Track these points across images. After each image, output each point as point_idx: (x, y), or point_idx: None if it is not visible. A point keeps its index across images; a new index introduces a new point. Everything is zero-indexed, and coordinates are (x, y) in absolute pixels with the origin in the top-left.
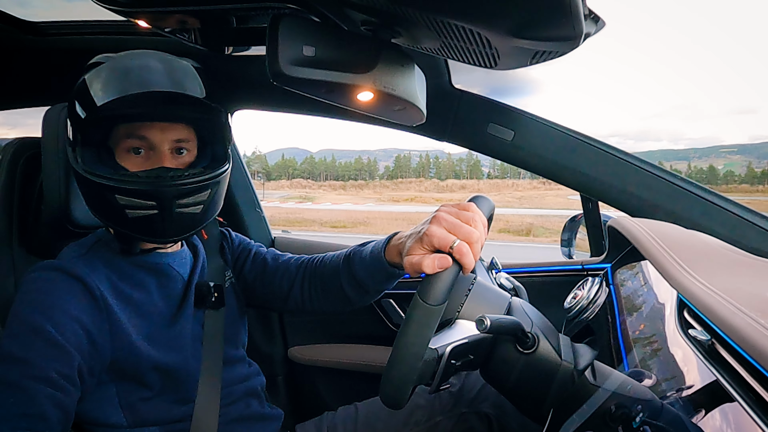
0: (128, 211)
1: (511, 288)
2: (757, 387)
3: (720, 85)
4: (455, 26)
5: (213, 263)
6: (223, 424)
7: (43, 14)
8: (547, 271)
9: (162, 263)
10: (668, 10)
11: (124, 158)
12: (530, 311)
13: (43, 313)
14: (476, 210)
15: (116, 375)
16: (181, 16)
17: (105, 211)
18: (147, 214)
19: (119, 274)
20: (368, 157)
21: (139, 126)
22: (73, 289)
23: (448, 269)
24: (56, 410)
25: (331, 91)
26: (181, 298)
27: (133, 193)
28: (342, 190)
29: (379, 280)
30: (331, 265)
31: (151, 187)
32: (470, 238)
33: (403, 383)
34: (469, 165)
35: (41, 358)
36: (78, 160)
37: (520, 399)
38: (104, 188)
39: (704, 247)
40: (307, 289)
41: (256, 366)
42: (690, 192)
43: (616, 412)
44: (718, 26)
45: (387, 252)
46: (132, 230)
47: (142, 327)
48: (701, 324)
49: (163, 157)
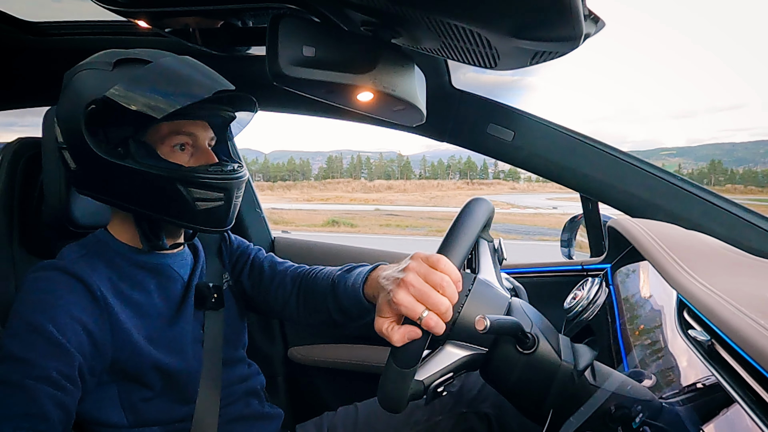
0: (198, 203)
1: (510, 288)
2: (757, 388)
3: (663, 90)
4: (455, 27)
5: (211, 265)
6: (223, 424)
7: (39, 14)
8: (547, 272)
9: (162, 264)
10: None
11: (169, 154)
12: (530, 312)
13: (44, 313)
14: (446, 267)
15: (117, 375)
16: (181, 17)
17: (167, 205)
18: (214, 206)
19: (119, 275)
20: (301, 158)
21: (184, 123)
22: (74, 289)
23: (417, 339)
24: (58, 410)
25: (331, 92)
26: (180, 299)
27: (207, 186)
28: (269, 190)
29: (362, 311)
30: (321, 285)
31: (221, 179)
32: (438, 309)
33: (394, 409)
34: (400, 166)
35: (42, 358)
36: (131, 157)
37: (519, 399)
38: (176, 181)
39: (704, 248)
40: (302, 305)
41: (255, 366)
42: (690, 192)
43: (616, 412)
44: (663, 32)
45: (366, 285)
46: (198, 222)
47: (142, 327)
48: (701, 324)
49: (208, 153)
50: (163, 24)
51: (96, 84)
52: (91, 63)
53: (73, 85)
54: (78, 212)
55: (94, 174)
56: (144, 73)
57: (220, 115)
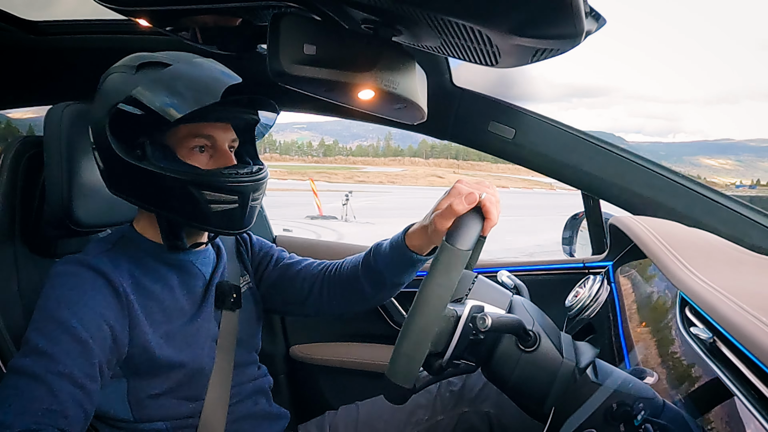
0: (212, 206)
1: (512, 286)
2: (759, 384)
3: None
4: (456, 24)
5: (231, 266)
6: (231, 422)
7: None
8: (549, 269)
9: (186, 261)
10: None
11: (188, 156)
12: (531, 309)
13: (69, 308)
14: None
15: (129, 370)
16: (182, 15)
17: (182, 207)
18: (229, 209)
19: (143, 270)
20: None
21: (203, 125)
22: (97, 284)
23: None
24: (77, 409)
25: (332, 90)
26: (202, 297)
27: (220, 188)
28: None
29: (397, 271)
30: (351, 263)
31: (235, 182)
32: (495, 195)
33: (422, 337)
34: None
35: (65, 354)
36: (148, 158)
37: (521, 397)
38: (188, 184)
39: (706, 245)
40: (326, 290)
41: (264, 368)
42: (692, 190)
43: (618, 410)
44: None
45: (407, 238)
46: (212, 224)
47: (161, 323)
48: (703, 322)
49: (227, 155)
50: (164, 23)
51: (120, 86)
52: (119, 66)
53: (103, 86)
54: (80, 211)
55: (118, 174)
56: (162, 76)
57: (242, 118)
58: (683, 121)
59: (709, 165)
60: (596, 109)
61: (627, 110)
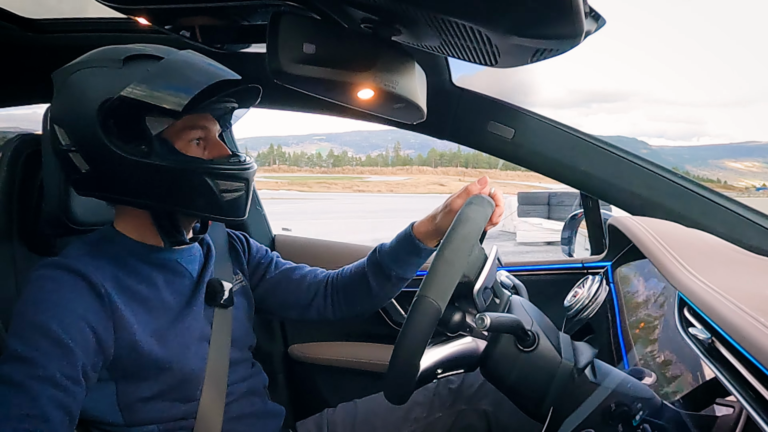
0: (224, 195)
1: (511, 286)
2: (757, 385)
3: None
4: (456, 24)
5: (222, 263)
6: (226, 421)
7: (39, 11)
8: (548, 270)
9: (171, 259)
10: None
11: (186, 148)
12: (530, 309)
13: (48, 312)
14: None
15: (117, 373)
16: (182, 14)
17: (193, 199)
18: (236, 196)
19: (126, 270)
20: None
21: (198, 117)
22: (77, 287)
23: (483, 209)
24: (59, 412)
25: (331, 89)
26: (189, 295)
27: (232, 177)
28: None
29: (402, 261)
30: (355, 266)
31: (242, 170)
32: (501, 195)
33: (447, 287)
34: None
35: (46, 358)
36: (155, 154)
37: (519, 397)
38: (203, 175)
39: (704, 246)
40: (331, 295)
41: (258, 365)
42: (690, 190)
43: (616, 410)
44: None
45: (413, 228)
46: (224, 213)
47: (148, 323)
48: (701, 322)
49: (220, 145)
50: (163, 21)
51: (106, 82)
52: (91, 61)
53: (75, 84)
54: (78, 209)
55: (111, 174)
56: (160, 69)
57: (229, 106)
58: (707, 125)
59: (735, 168)
60: (616, 114)
61: (646, 114)
